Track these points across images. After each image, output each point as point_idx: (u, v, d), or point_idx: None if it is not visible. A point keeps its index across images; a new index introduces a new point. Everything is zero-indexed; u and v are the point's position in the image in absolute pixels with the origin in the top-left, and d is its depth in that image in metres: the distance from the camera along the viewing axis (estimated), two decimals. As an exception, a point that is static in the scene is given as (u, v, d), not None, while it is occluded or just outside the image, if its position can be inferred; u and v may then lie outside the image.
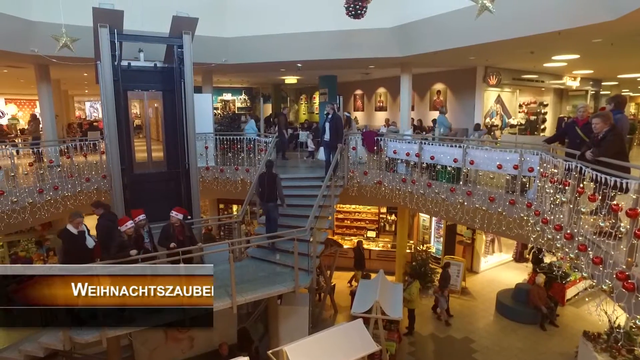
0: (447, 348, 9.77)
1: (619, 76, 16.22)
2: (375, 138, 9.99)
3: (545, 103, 16.13)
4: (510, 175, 6.93)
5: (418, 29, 9.41)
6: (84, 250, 5.97)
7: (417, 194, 8.79)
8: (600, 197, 4.16)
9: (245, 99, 23.33)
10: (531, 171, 6.41)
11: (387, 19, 9.79)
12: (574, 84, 15.97)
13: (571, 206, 4.86)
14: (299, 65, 12.54)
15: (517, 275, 13.54)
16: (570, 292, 11.67)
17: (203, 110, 10.59)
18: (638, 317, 3.55)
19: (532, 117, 15.87)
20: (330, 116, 10.09)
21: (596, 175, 4.25)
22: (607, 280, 3.89)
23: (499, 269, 14.46)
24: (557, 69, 13.75)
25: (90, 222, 6.92)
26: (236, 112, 21.57)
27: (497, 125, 14.04)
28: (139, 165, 9.73)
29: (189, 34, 9.02)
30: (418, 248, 14.09)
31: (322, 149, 11.44)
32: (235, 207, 17.34)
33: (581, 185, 4.63)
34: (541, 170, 6.04)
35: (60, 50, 8.17)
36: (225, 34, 10.81)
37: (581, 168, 4.63)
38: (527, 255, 14.23)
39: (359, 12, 8.37)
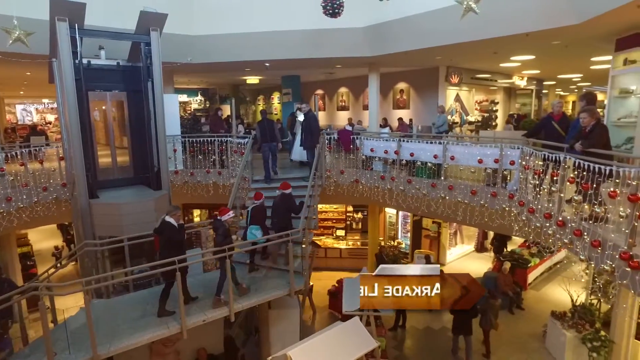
0: (428, 339, 10.10)
1: (558, 76, 17.71)
2: (351, 137, 10.08)
3: (496, 101, 17.19)
4: (491, 169, 7.28)
5: (391, 29, 9.61)
6: (183, 241, 6.41)
7: (397, 191, 8.97)
8: (594, 186, 4.49)
9: (201, 100, 22.50)
10: (512, 164, 6.78)
11: (360, 18, 9.90)
12: (522, 83, 17.21)
13: (561, 195, 5.21)
14: (267, 64, 12.32)
15: (480, 264, 14.27)
16: (530, 277, 12.53)
17: (170, 111, 10.05)
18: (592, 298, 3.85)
19: (485, 115, 16.84)
20: (304, 116, 10.03)
21: (588, 165, 4.58)
22: (608, 261, 4.19)
23: (462, 259, 15.19)
24: (509, 69, 14.72)
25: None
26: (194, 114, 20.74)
27: (457, 123, 14.72)
28: (102, 172, 9.06)
29: (157, 30, 8.56)
30: (388, 244, 14.38)
31: (295, 149, 11.35)
32: (196, 213, 16.67)
33: (571, 175, 4.96)
34: (523, 163, 6.42)
35: (11, 46, 7.33)
36: (192, 32, 10.36)
37: (571, 159, 4.96)
38: (489, 246, 15.06)
39: (336, 11, 8.35)
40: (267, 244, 7.21)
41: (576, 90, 24.24)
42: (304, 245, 7.27)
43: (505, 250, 13.73)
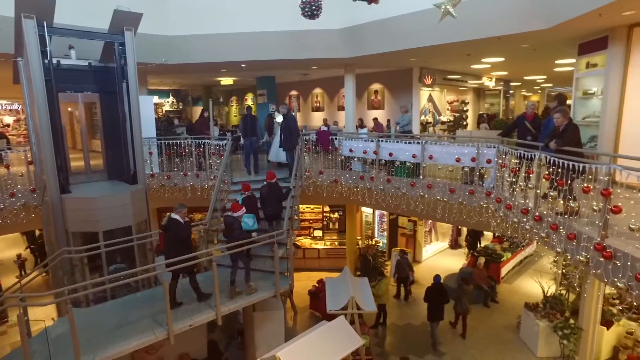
0: (408, 334, 10.30)
1: (524, 78, 18.50)
2: (330, 137, 10.15)
3: (466, 101, 17.76)
4: (468, 168, 7.52)
5: (368, 30, 9.76)
6: (189, 238, 6.52)
7: (376, 190, 9.10)
8: (569, 182, 4.75)
9: (173, 101, 21.97)
10: (489, 163, 7.04)
11: (336, 20, 9.99)
12: (490, 84, 17.87)
13: (538, 191, 5.47)
14: (243, 65, 12.22)
15: (455, 260, 14.70)
16: (503, 271, 13.02)
17: (145, 113, 9.79)
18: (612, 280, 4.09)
19: (456, 114, 17.37)
20: (282, 117, 10.03)
21: (563, 163, 4.84)
22: (583, 252, 4.44)
23: (437, 256, 15.58)
24: (479, 70, 15.24)
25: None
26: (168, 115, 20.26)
27: (430, 122, 15.11)
28: (74, 176, 8.72)
29: (131, 30, 8.34)
30: (367, 243, 14.55)
31: (273, 150, 11.34)
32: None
33: (546, 172, 5.21)
34: (500, 161, 6.68)
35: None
36: (168, 32, 10.13)
37: (547, 157, 5.22)
38: (463, 242, 15.51)
39: (314, 12, 8.41)
40: (253, 245, 7.14)
41: (539, 91, 25.38)
42: (288, 247, 7.27)
43: (478, 245, 14.21)
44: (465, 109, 17.64)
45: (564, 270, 9.88)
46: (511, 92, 21.49)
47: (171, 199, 10.49)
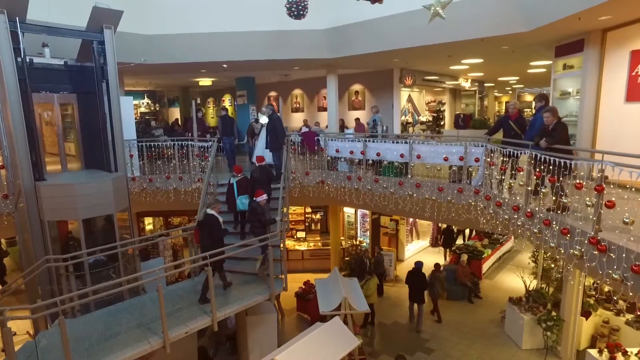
0: (396, 332, 10.39)
1: (498, 79, 19.07)
2: (316, 138, 10.12)
3: (443, 102, 18.12)
4: (456, 166, 7.66)
5: (352, 31, 9.78)
6: (223, 233, 6.65)
7: (364, 190, 9.14)
8: (561, 178, 4.90)
9: (148, 102, 21.33)
10: (477, 161, 7.19)
11: (320, 20, 9.96)
12: (466, 84, 18.31)
13: (529, 188, 5.62)
14: (224, 65, 12.01)
15: (435, 258, 14.87)
16: (485, 267, 13.35)
17: (125, 114, 9.44)
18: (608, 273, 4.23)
19: (434, 114, 17.68)
20: (268, 118, 9.92)
21: (554, 160, 4.99)
22: (577, 247, 4.59)
23: (420, 254, 15.78)
24: (456, 71, 15.58)
25: None
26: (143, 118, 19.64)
27: (410, 122, 15.33)
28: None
29: (110, 28, 8.05)
30: (353, 243, 14.60)
31: (257, 151, 11.17)
32: (148, 221, 15.88)
33: (537, 169, 5.36)
34: (488, 160, 6.84)
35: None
36: (147, 31, 9.81)
37: (536, 155, 5.37)
38: (441, 241, 15.81)
39: (301, 12, 8.37)
40: (246, 248, 7.00)
41: (510, 92, 26.23)
42: (282, 248, 7.19)
43: (453, 244, 14.52)
44: (442, 109, 17.98)
45: (551, 265, 10.18)
46: (484, 92, 22.10)
47: (153, 202, 10.21)
